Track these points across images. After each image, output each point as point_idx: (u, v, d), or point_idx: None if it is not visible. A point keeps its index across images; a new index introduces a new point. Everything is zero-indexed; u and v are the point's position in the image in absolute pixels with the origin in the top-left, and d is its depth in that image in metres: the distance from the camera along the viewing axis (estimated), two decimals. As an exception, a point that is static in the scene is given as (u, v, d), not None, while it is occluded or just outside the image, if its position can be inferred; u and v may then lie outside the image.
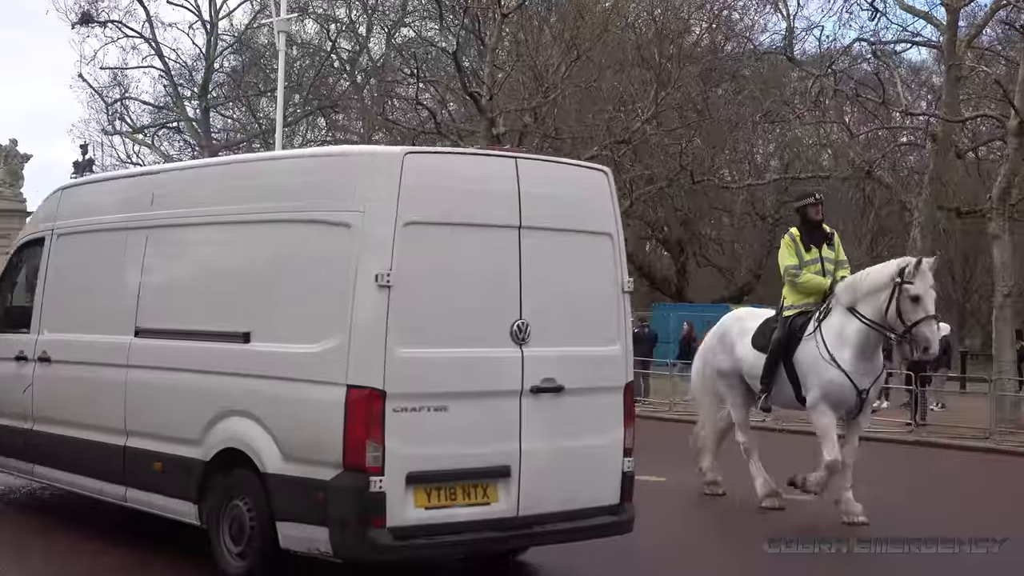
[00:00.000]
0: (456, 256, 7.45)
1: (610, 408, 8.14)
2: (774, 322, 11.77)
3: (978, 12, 31.42)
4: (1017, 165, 28.08)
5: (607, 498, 8.02)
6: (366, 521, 6.88)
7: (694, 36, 39.35)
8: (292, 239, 7.77)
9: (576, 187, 8.50)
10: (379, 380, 6.90)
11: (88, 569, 8.92)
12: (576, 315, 8.01)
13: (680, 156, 35.75)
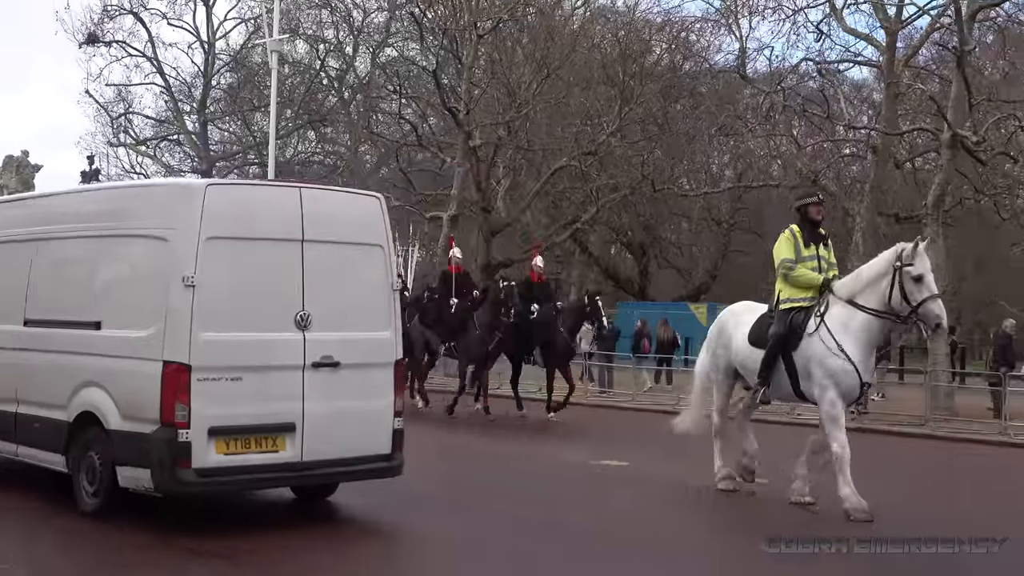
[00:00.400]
0: (249, 263, 9.08)
1: (381, 379, 9.80)
2: (769, 317, 11.12)
3: (914, 34, 31.76)
4: (950, 175, 28.48)
5: (380, 448, 9.70)
6: (176, 464, 8.52)
7: (655, 56, 39.47)
8: (128, 250, 9.54)
9: (352, 209, 10.42)
10: (186, 357, 8.55)
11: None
12: (351, 307, 9.69)
13: (642, 166, 36.02)
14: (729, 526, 11.22)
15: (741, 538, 10.45)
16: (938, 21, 30.31)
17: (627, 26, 38.58)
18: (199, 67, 42.20)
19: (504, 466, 14.59)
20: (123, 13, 41.20)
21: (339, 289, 9.53)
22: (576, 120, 36.21)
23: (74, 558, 8.60)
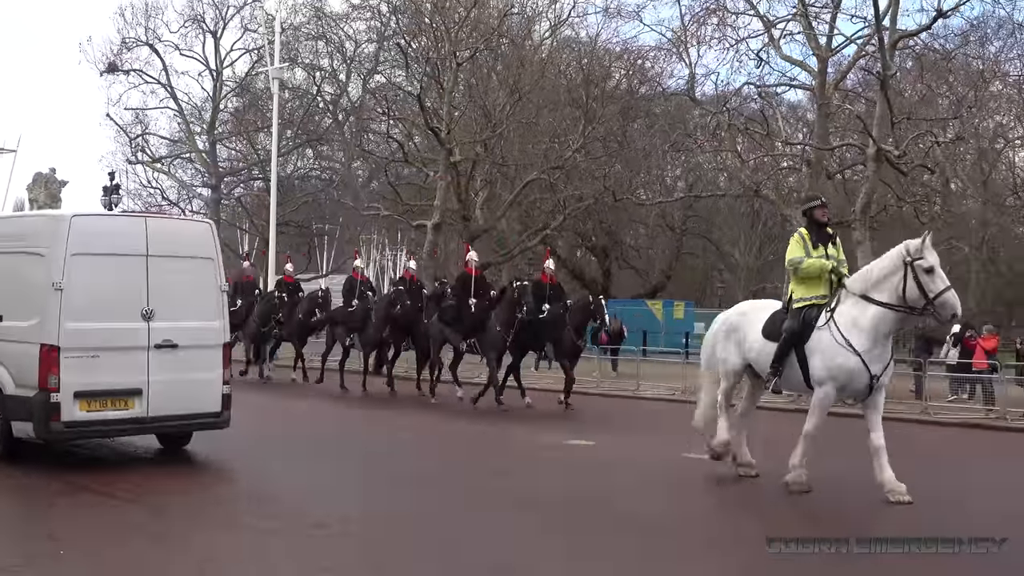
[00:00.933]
0: (105, 272, 11.03)
1: (213, 357, 11.84)
2: (783, 314, 10.57)
3: (843, 61, 32.08)
4: (875, 185, 29.08)
5: (212, 408, 11.77)
6: (49, 418, 10.56)
7: (614, 81, 39.89)
8: (23, 262, 11.33)
9: (187, 231, 13.13)
10: (56, 340, 10.57)
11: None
12: (187, 304, 11.60)
13: (604, 179, 36.22)
14: (689, 493, 11.46)
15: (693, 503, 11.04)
16: (863, 49, 30.86)
17: (589, 54, 38.96)
18: (208, 92, 42.52)
19: (471, 443, 15.37)
20: (139, 44, 41.56)
21: (177, 290, 11.48)
22: (545, 138, 36.52)
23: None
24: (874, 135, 28.16)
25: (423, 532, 8.61)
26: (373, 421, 18.25)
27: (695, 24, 32.98)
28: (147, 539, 8.08)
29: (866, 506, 9.95)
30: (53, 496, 9.96)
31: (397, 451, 14.02)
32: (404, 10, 38.26)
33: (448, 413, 18.58)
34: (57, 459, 11.60)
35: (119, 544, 7.93)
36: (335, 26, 41.20)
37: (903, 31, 29.78)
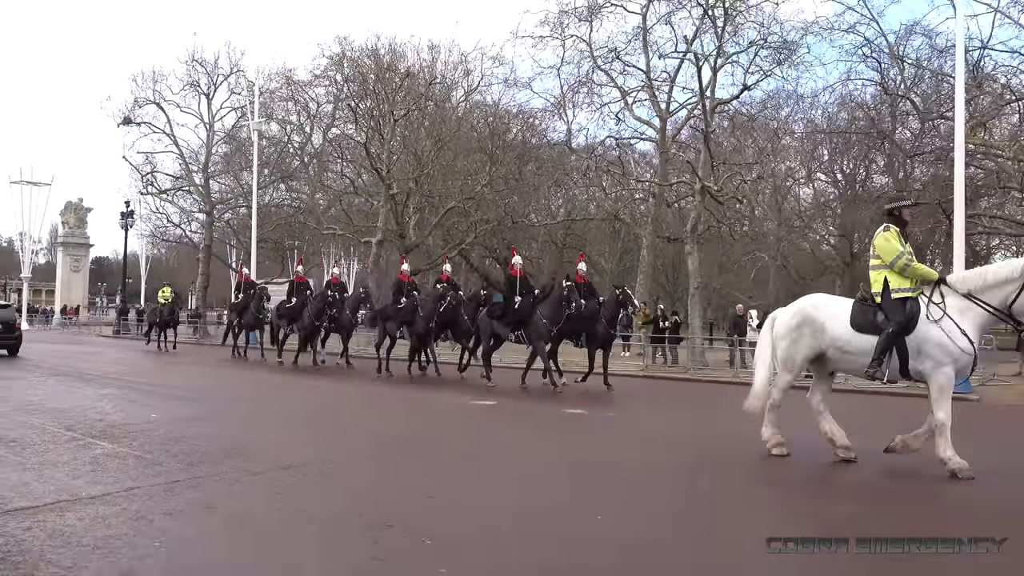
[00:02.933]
0: None
1: None
2: (868, 305, 8.50)
3: (678, 120, 32.85)
4: (700, 211, 29.49)
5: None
6: None
7: (512, 134, 39.87)
8: None
9: None
10: None
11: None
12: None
13: (504, 207, 36.47)
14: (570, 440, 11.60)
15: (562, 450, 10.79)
16: (692, 112, 31.48)
17: (494, 114, 38.94)
18: (203, 140, 41.25)
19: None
20: (148, 103, 40.32)
21: None
22: (461, 176, 36.34)
23: None
24: (699, 175, 28.60)
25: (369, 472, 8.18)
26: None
27: (571, 92, 33.37)
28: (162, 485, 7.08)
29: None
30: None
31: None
32: (354, 79, 37.84)
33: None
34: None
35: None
36: (301, 90, 40.50)
37: (720, 99, 30.47)
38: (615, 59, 31.82)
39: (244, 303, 25.27)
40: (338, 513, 6.34)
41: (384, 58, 37.47)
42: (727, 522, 6.41)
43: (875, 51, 30.57)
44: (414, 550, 5.39)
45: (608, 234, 45.34)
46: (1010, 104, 30.34)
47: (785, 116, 35.77)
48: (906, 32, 30.33)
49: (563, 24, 32.25)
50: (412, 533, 5.72)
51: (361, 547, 5.47)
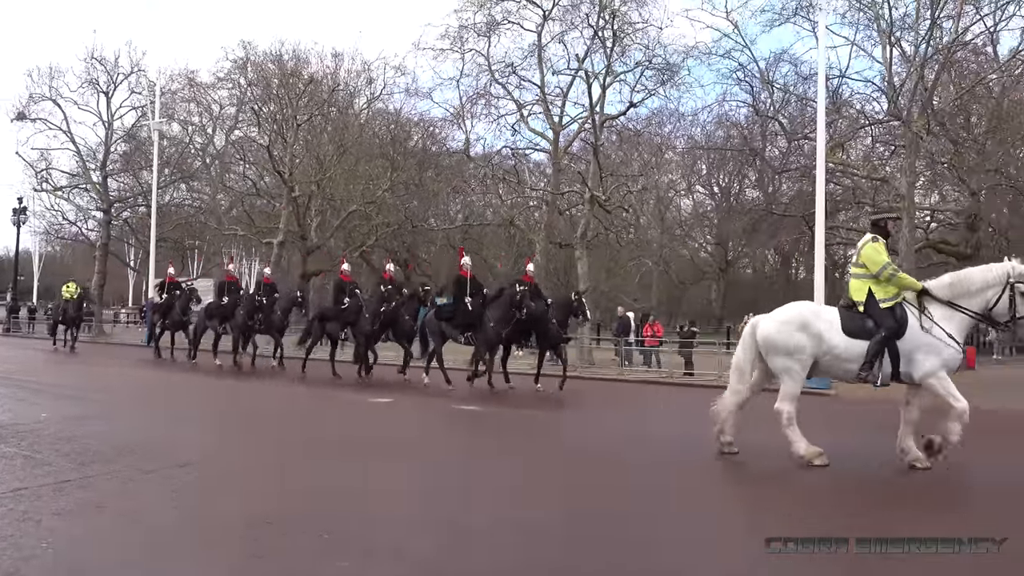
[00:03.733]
0: None
1: None
2: (855, 313, 8.28)
3: (570, 133, 33.14)
4: (590, 219, 30.04)
5: None
6: None
7: (413, 141, 39.65)
8: None
9: None
10: None
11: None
12: None
13: (405, 211, 36.32)
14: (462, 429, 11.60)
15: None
16: (583, 126, 31.96)
17: (395, 122, 38.63)
18: (101, 138, 39.27)
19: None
20: (44, 99, 38.07)
21: None
22: (363, 180, 35.89)
23: None
24: (589, 185, 29.15)
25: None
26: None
27: (470, 103, 33.36)
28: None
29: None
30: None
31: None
32: (257, 83, 36.83)
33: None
34: None
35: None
36: (204, 92, 39.00)
37: (608, 115, 31.11)
38: (512, 74, 32.08)
39: (169, 303, 23.33)
40: (233, 511, 6.17)
41: (288, 64, 36.62)
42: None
43: (748, 76, 31.84)
44: (312, 546, 5.29)
45: (504, 239, 45.49)
46: (864, 128, 32.16)
47: (667, 132, 36.91)
48: (775, 59, 31.77)
49: (463, 38, 32.29)
50: (310, 529, 5.61)
51: (262, 543, 5.34)
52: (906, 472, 7.84)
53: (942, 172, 33.04)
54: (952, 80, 29.83)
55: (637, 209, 36.86)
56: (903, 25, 28.29)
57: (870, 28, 28.98)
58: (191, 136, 40.20)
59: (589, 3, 29.96)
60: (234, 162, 40.58)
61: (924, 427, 8.17)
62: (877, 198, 32.73)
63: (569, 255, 35.31)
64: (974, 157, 29.43)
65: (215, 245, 40.92)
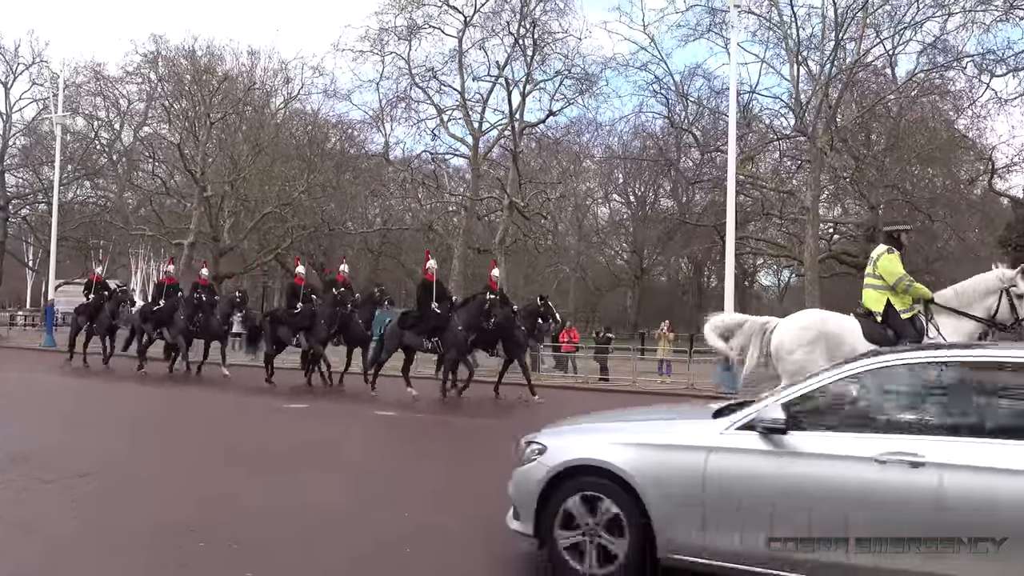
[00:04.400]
0: None
1: None
2: (875, 322, 8.40)
3: (489, 139, 33.47)
4: (508, 225, 30.26)
5: None
6: None
7: (331, 143, 39.17)
8: None
9: None
10: None
11: None
12: None
13: (322, 214, 35.73)
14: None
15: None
16: (502, 133, 32.27)
17: (313, 123, 38.11)
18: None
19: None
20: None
21: None
22: (278, 182, 35.14)
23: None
24: (508, 191, 29.40)
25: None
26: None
27: (389, 107, 33.24)
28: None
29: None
30: None
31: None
32: (169, 79, 35.65)
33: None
34: None
35: None
36: (111, 86, 37.47)
37: (528, 122, 31.53)
38: (432, 78, 32.12)
39: (97, 305, 21.12)
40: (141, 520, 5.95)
41: (201, 60, 35.62)
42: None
43: (663, 88, 32.64)
44: (219, 555, 5.16)
45: (422, 243, 45.35)
46: (773, 142, 33.35)
47: (586, 141, 37.45)
48: (690, 73, 32.68)
49: (383, 41, 32.15)
50: (217, 538, 5.46)
51: (166, 553, 5.16)
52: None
53: (844, 186, 34.56)
54: (854, 99, 31.27)
55: (555, 216, 37.25)
56: (809, 45, 29.57)
57: (779, 47, 30.18)
58: (97, 131, 38.66)
59: (510, 11, 30.29)
60: (143, 159, 39.15)
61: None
62: (784, 210, 34.08)
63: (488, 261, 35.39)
64: (874, 173, 30.90)
65: (121, 245, 39.35)
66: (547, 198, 32.32)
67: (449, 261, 36.80)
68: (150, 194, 37.79)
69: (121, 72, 37.02)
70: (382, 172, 36.78)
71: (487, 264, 36.24)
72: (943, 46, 28.04)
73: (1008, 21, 25.23)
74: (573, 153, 36.00)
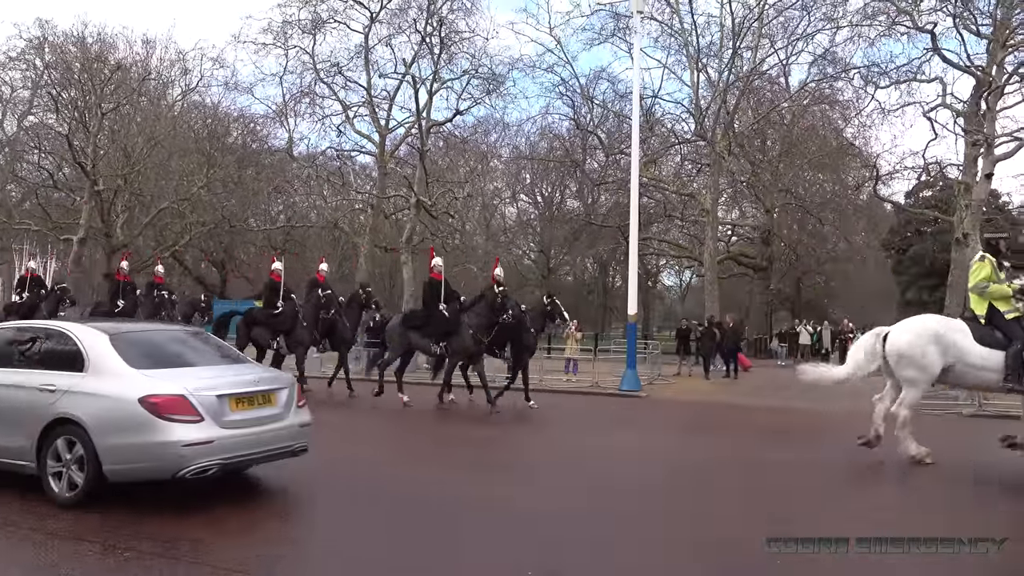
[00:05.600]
0: None
1: None
2: (982, 326, 8.69)
3: (397, 137, 32.95)
4: (415, 223, 30.04)
5: None
6: None
7: (232, 137, 37.98)
8: None
9: None
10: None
11: None
12: None
13: (223, 210, 34.59)
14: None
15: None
16: (410, 131, 32.02)
17: (213, 116, 36.88)
18: None
19: None
20: None
21: None
22: (176, 176, 34.02)
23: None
24: (415, 190, 29.18)
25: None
26: None
27: (293, 101, 32.53)
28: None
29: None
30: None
31: None
32: (56, 66, 33.78)
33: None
34: None
35: None
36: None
37: (435, 121, 31.44)
38: (338, 73, 31.58)
39: (32, 304, 18.90)
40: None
41: (92, 47, 33.92)
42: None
43: (570, 90, 33.16)
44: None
45: (328, 241, 44.56)
46: (674, 146, 34.31)
47: (493, 141, 37.60)
48: (595, 76, 33.33)
49: (286, 34, 31.43)
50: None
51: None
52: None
53: (742, 190, 35.88)
54: (751, 106, 32.51)
55: (463, 215, 37.23)
56: (709, 52, 30.59)
57: (680, 53, 31.09)
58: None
59: (417, 8, 30.07)
60: (27, 150, 36.93)
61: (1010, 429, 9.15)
62: (685, 212, 35.11)
63: (395, 260, 35.10)
64: (769, 177, 32.20)
65: (3, 240, 37.09)
66: (455, 197, 32.21)
67: (354, 259, 36.35)
68: (36, 187, 35.67)
69: (4, 57, 34.95)
70: (286, 168, 35.98)
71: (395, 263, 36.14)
72: (832, 58, 29.49)
73: (891, 36, 26.68)
74: (481, 152, 36.07)
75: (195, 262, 42.60)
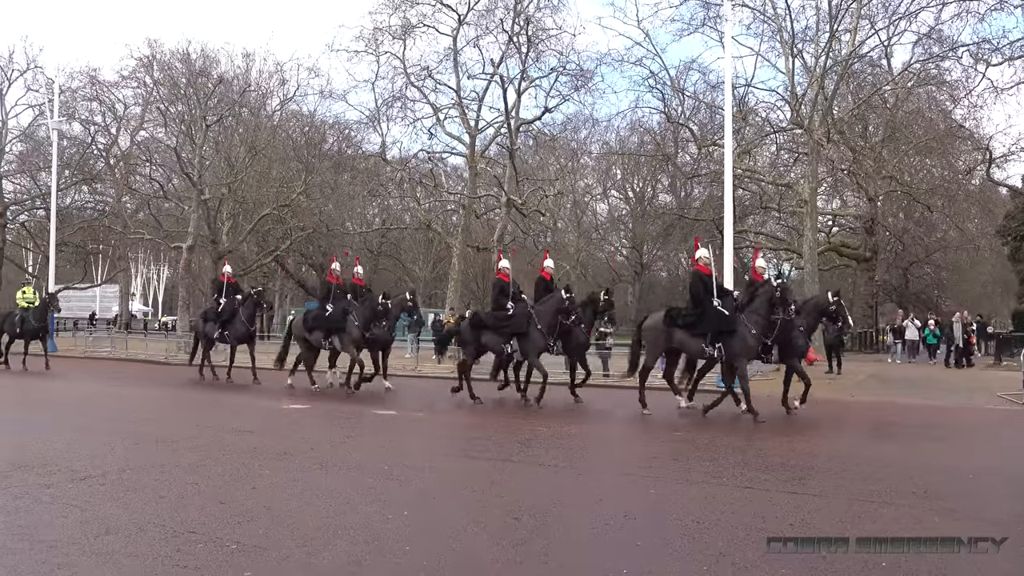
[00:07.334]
0: None
1: None
2: None
3: (486, 137, 33.30)
4: (507, 222, 30.28)
5: None
6: None
7: (328, 143, 39.18)
8: None
9: None
10: None
11: None
12: None
13: (320, 215, 35.77)
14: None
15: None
16: (499, 131, 32.18)
17: (310, 124, 38.09)
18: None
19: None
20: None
21: None
22: (276, 183, 35.27)
23: None
24: (506, 189, 29.32)
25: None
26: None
27: (385, 106, 33.13)
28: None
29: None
30: None
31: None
32: (164, 83, 35.59)
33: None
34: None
35: None
36: (107, 91, 37.34)
37: (524, 120, 31.45)
38: (427, 77, 31.98)
39: (230, 308, 19.29)
40: (140, 523, 5.94)
41: (196, 63, 35.61)
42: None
43: (659, 83, 32.62)
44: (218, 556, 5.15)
45: (421, 242, 45.45)
46: (769, 135, 33.35)
47: (583, 137, 37.47)
48: (685, 68, 32.67)
49: (378, 41, 32.03)
50: (215, 539, 5.46)
51: (165, 555, 5.16)
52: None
53: (842, 178, 34.56)
54: (850, 91, 31.26)
55: (554, 213, 37.26)
56: (804, 37, 29.55)
57: (774, 40, 30.16)
58: (94, 136, 38.57)
59: (504, 8, 30.22)
60: (140, 164, 39.09)
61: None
62: (782, 203, 34.10)
63: (487, 259, 35.40)
64: (871, 164, 30.88)
65: (120, 249, 39.43)
66: (545, 195, 32.26)
67: (448, 259, 36.87)
68: (148, 198, 37.82)
69: (116, 76, 37.03)
70: (380, 172, 36.78)
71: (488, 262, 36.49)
72: (938, 36, 28.07)
73: (1003, 10, 25.24)
74: (570, 150, 36.00)
75: (296, 266, 44.12)
